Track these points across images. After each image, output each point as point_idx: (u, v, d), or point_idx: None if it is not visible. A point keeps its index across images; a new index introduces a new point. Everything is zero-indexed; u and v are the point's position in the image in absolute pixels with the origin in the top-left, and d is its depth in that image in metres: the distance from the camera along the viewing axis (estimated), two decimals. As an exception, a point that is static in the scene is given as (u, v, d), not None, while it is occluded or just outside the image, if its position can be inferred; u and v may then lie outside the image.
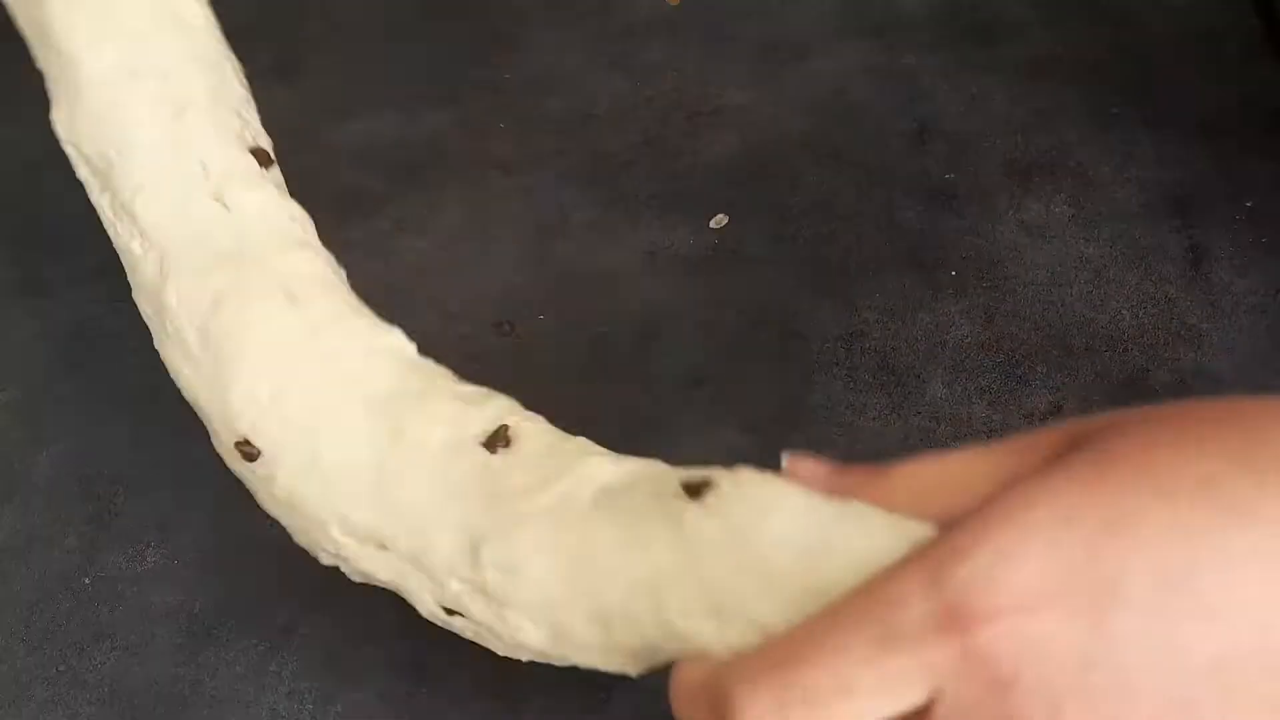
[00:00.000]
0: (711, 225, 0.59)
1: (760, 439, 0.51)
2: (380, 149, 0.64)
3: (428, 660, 0.47)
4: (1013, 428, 0.51)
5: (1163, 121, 0.61)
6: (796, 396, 0.53)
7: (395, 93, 0.66)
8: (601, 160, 0.62)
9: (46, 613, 0.49)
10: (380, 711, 0.45)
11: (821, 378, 0.53)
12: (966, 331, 0.54)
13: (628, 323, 0.56)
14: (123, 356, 0.56)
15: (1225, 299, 0.55)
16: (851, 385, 0.53)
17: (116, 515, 0.51)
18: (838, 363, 0.54)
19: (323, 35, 0.70)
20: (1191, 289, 0.55)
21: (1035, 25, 0.66)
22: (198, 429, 0.54)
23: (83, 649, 0.47)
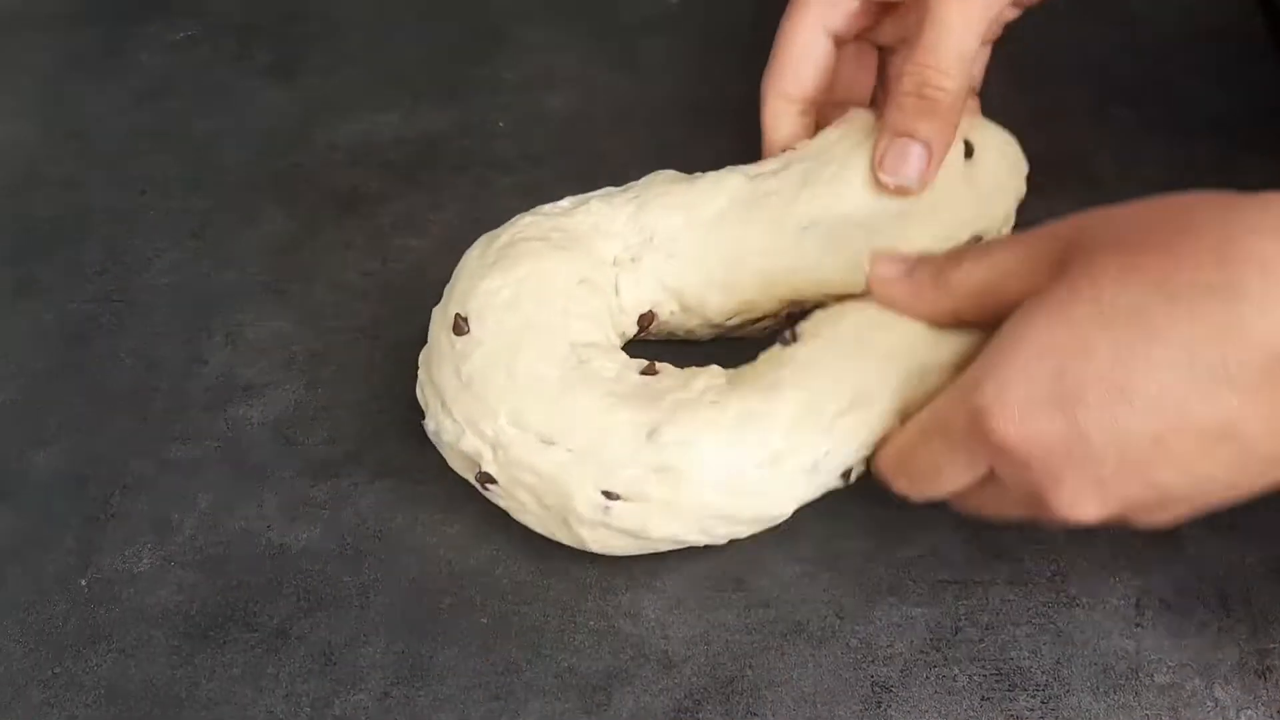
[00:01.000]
0: (711, 225, 0.59)
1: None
2: (380, 149, 0.64)
3: (426, 662, 0.46)
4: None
5: (1163, 121, 0.61)
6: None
7: (395, 93, 0.66)
8: (601, 160, 0.62)
9: (43, 614, 0.48)
10: (378, 714, 0.45)
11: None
12: (967, 332, 0.54)
13: (627, 323, 0.56)
14: (120, 356, 0.56)
15: (1226, 300, 0.54)
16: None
17: (114, 516, 0.51)
18: (838, 363, 0.54)
19: (323, 35, 0.70)
20: (1192, 290, 0.55)
21: (1035, 25, 0.66)
22: (197, 429, 0.54)
23: (79, 650, 0.47)
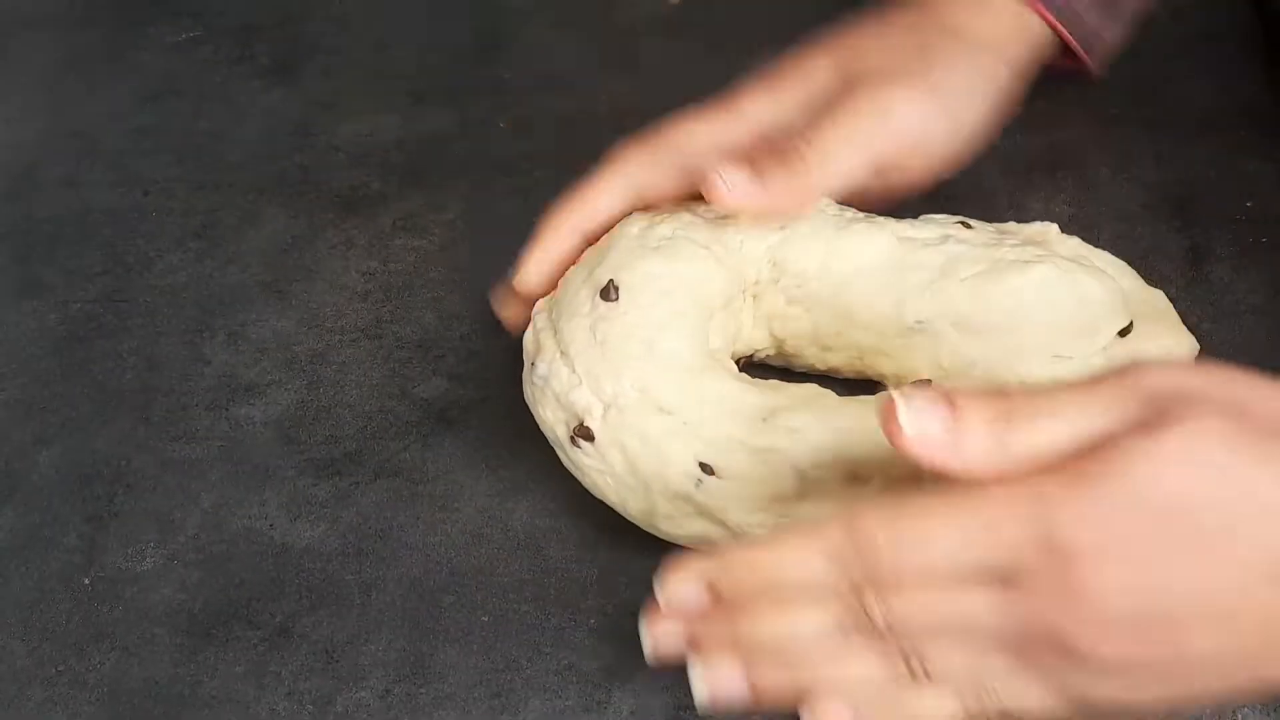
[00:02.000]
0: (711, 225, 0.59)
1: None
2: (380, 149, 0.64)
3: (427, 660, 0.47)
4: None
5: (1163, 121, 0.61)
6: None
7: (396, 94, 0.66)
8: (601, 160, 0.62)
9: (46, 612, 0.48)
10: (380, 711, 0.45)
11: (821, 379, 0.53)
12: (966, 331, 0.54)
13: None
14: (123, 356, 0.56)
15: (1225, 299, 0.54)
16: (845, 389, 0.53)
17: (116, 515, 0.51)
18: (838, 363, 0.54)
19: (324, 36, 0.70)
20: (1191, 289, 0.55)
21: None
22: (199, 428, 0.54)
23: (82, 649, 0.47)
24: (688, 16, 0.69)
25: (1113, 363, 0.47)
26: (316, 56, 0.69)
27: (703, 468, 0.45)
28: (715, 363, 0.47)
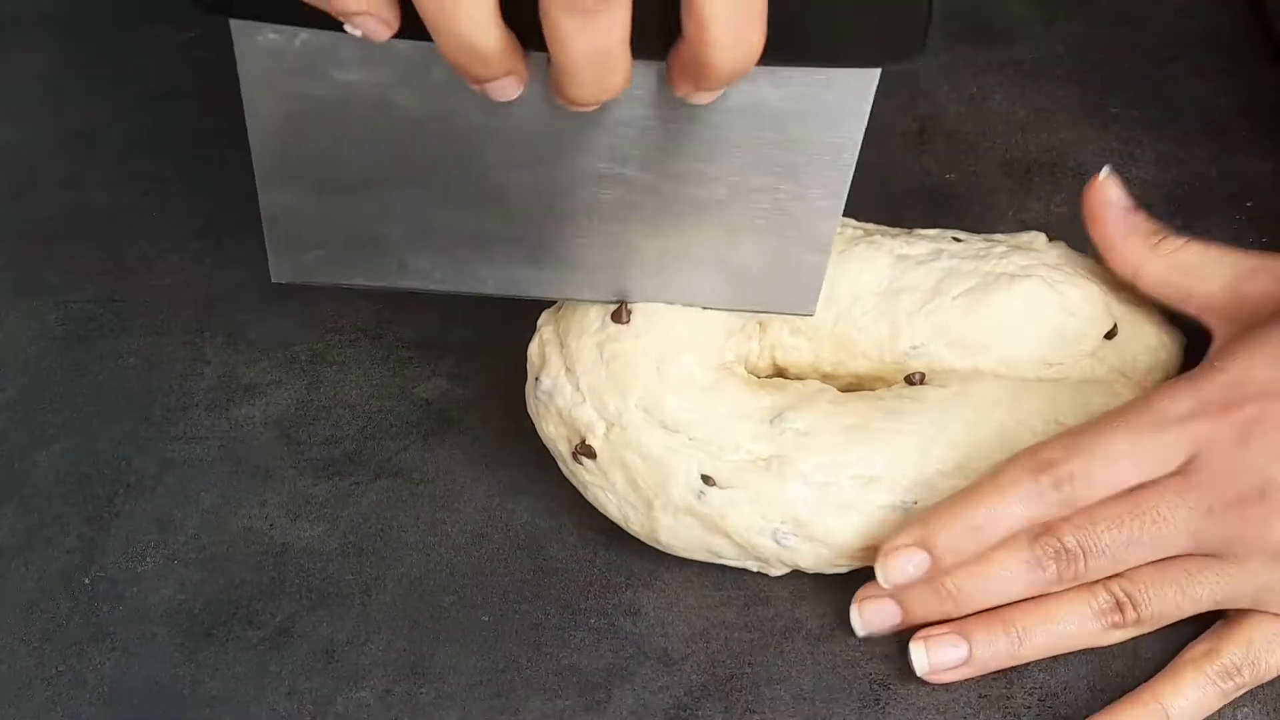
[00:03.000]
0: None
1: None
2: (380, 149, 0.64)
3: (428, 660, 0.47)
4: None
5: (1163, 121, 0.61)
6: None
7: (395, 93, 0.66)
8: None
9: (46, 613, 0.49)
10: (380, 711, 0.45)
11: (821, 378, 0.53)
12: (966, 331, 0.54)
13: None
14: (123, 356, 0.56)
15: (1225, 299, 0.54)
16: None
17: (117, 515, 0.51)
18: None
19: (323, 35, 0.70)
20: (1191, 289, 0.55)
21: (1035, 25, 0.66)
22: (200, 428, 0.54)
23: (82, 649, 0.47)
24: (688, 16, 0.69)
25: (1101, 364, 0.48)
26: (316, 56, 0.69)
27: (704, 479, 0.45)
28: (724, 374, 0.47)
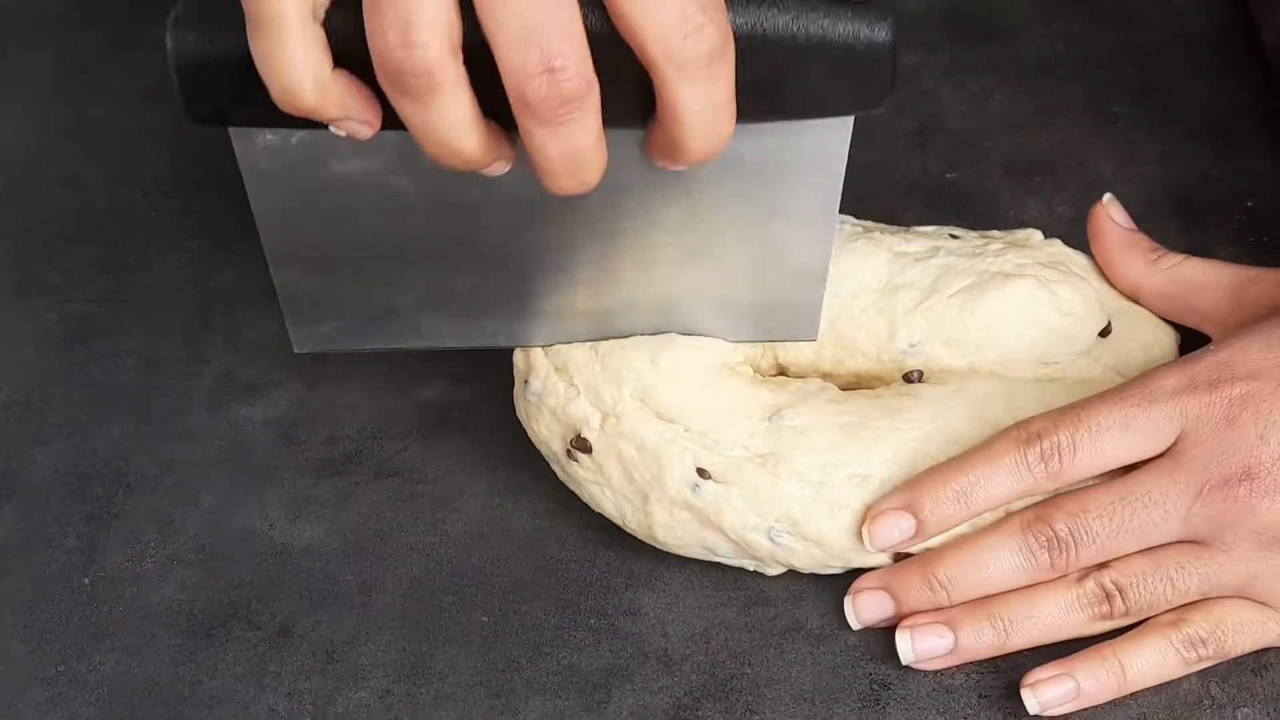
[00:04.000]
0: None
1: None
2: (380, 149, 0.64)
3: (428, 660, 0.47)
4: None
5: (1163, 121, 0.61)
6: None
7: (395, 93, 0.66)
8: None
9: (46, 613, 0.48)
10: (380, 711, 0.45)
11: (821, 378, 0.53)
12: (967, 331, 0.54)
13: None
14: (122, 356, 0.56)
15: (1226, 299, 0.54)
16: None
17: (116, 515, 0.51)
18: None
19: (322, 35, 0.70)
20: (1192, 289, 0.55)
21: (1035, 25, 0.66)
22: (199, 429, 0.54)
23: (82, 649, 0.47)
24: (688, 16, 0.69)
25: (1096, 363, 0.48)
26: (316, 56, 0.69)
27: (700, 472, 0.45)
28: (725, 371, 0.47)
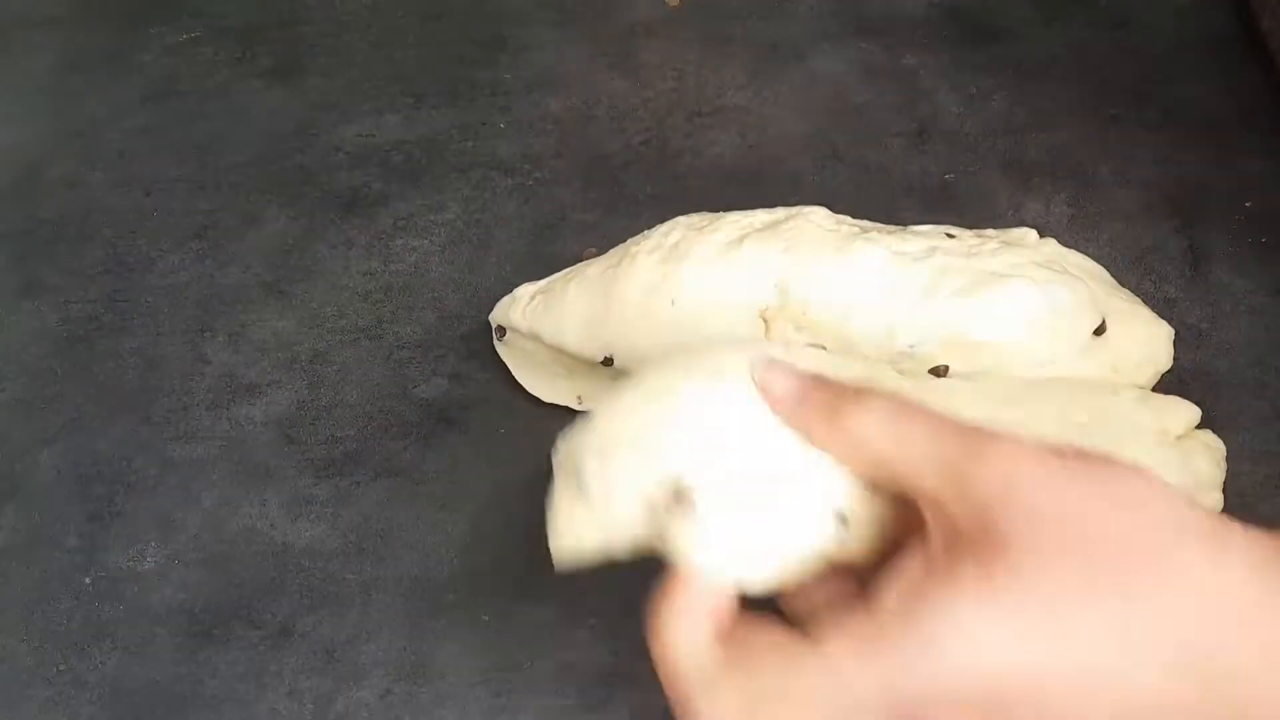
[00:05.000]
0: (711, 225, 0.59)
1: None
2: (380, 149, 0.64)
3: (428, 660, 0.47)
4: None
5: (1163, 122, 0.61)
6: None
7: (395, 93, 0.66)
8: (601, 160, 0.62)
9: (47, 612, 0.49)
10: (380, 711, 0.45)
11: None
12: (966, 331, 0.54)
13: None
14: (123, 356, 0.56)
15: (1225, 299, 0.55)
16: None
17: (116, 515, 0.51)
18: (837, 363, 0.54)
19: (323, 35, 0.70)
20: (1191, 289, 0.55)
21: (1035, 25, 0.66)
22: (200, 428, 0.54)
23: (83, 649, 0.48)
24: (688, 16, 0.69)
25: (1093, 361, 0.48)
26: (317, 57, 0.69)
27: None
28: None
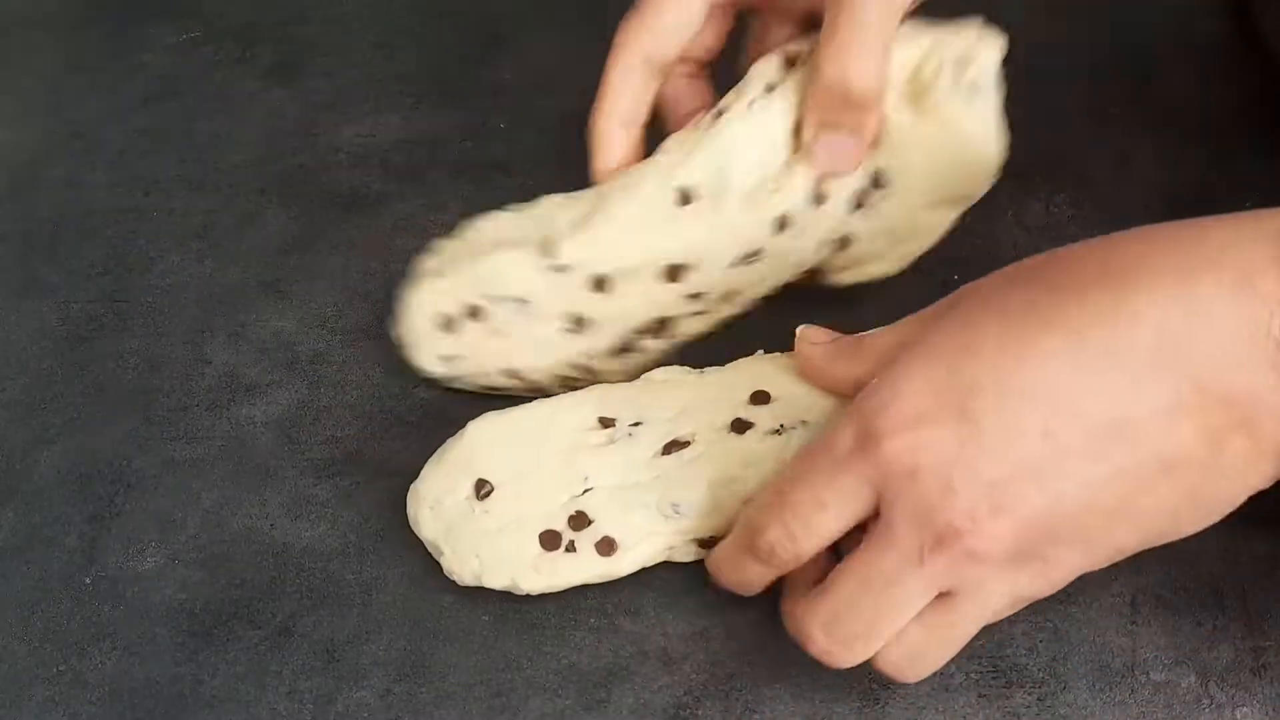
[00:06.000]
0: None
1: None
2: (380, 149, 0.64)
3: (428, 660, 0.47)
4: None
5: (1163, 121, 0.61)
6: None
7: (395, 93, 0.66)
8: (601, 160, 0.62)
9: (47, 612, 0.49)
10: (380, 711, 0.45)
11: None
12: (966, 331, 0.54)
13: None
14: (123, 356, 0.56)
15: (1225, 299, 0.54)
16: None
17: (116, 515, 0.51)
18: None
19: (323, 35, 0.70)
20: (1191, 289, 0.55)
21: (1035, 25, 0.66)
22: (200, 428, 0.54)
23: (83, 649, 0.48)
24: (688, 16, 0.69)
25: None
26: (317, 57, 0.69)
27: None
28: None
